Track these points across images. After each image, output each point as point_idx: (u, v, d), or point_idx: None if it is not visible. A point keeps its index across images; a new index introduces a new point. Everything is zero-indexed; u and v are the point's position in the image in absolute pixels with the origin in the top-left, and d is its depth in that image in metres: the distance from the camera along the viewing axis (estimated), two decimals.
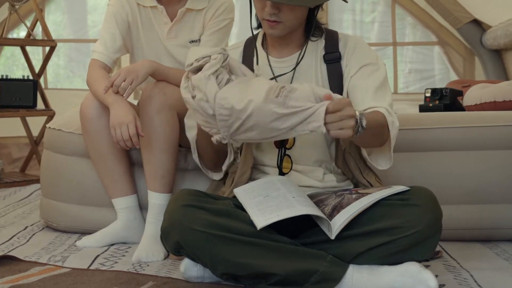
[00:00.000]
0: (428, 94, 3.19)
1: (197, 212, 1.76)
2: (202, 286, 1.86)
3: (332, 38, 2.04)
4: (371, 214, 1.77)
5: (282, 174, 1.97)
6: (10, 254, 2.17)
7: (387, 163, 1.95)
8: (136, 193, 2.45)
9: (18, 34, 5.78)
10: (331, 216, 1.77)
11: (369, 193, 1.80)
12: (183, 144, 2.40)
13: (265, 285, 1.78)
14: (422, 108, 3.20)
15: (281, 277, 1.74)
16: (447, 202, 2.26)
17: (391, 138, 1.88)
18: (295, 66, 2.00)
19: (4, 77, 4.05)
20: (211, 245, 1.74)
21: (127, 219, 2.41)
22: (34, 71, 4.28)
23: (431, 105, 3.15)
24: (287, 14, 1.90)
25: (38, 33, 5.45)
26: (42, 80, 5.25)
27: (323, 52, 2.03)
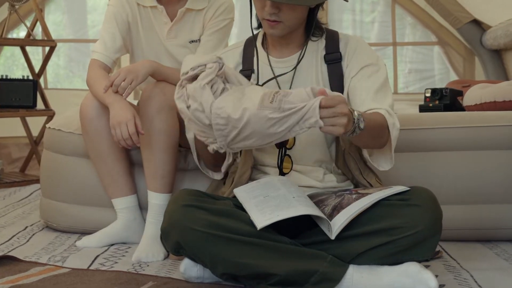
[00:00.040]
0: (428, 94, 3.19)
1: (197, 212, 1.76)
2: (202, 286, 1.86)
3: (333, 38, 2.04)
4: (371, 214, 1.77)
5: (283, 174, 1.97)
6: (10, 254, 2.17)
7: (388, 164, 1.95)
8: (136, 193, 2.45)
9: (18, 34, 5.78)
10: (331, 216, 1.76)
11: (369, 193, 1.80)
12: (183, 144, 2.40)
13: (265, 285, 1.78)
14: (422, 108, 3.20)
15: (281, 277, 1.74)
16: (447, 202, 2.25)
17: (392, 140, 1.88)
18: (296, 66, 2.00)
19: (4, 77, 4.05)
20: (211, 245, 1.74)
21: (127, 219, 2.41)
22: (34, 71, 4.28)
23: (431, 105, 3.15)
24: (287, 14, 1.90)
25: (38, 33, 5.45)
26: (42, 80, 5.24)
27: (324, 52, 2.03)
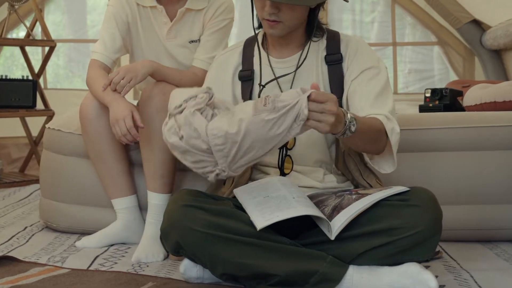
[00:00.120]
0: (428, 94, 3.18)
1: (197, 213, 1.76)
2: (202, 287, 1.86)
3: (334, 39, 2.03)
4: (371, 215, 1.76)
5: (283, 175, 1.97)
6: (10, 255, 2.17)
7: (390, 167, 1.94)
8: (136, 194, 2.45)
9: (18, 34, 5.78)
10: (331, 217, 1.76)
11: (369, 194, 1.80)
12: None
13: (265, 286, 1.77)
14: (422, 108, 3.19)
15: (281, 278, 1.74)
16: (447, 203, 2.25)
17: (392, 144, 1.87)
18: (299, 66, 1.99)
19: (4, 77, 4.05)
20: (211, 246, 1.74)
21: (127, 220, 2.41)
22: (34, 71, 4.27)
23: (431, 105, 3.14)
24: (287, 14, 1.90)
25: (38, 33, 5.45)
26: (42, 80, 5.24)
27: (325, 53, 2.02)
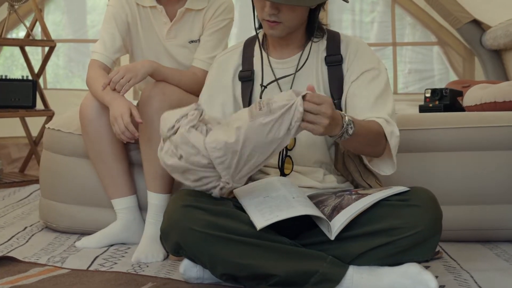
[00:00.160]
0: (428, 95, 3.18)
1: (197, 213, 1.75)
2: (202, 287, 1.86)
3: (334, 40, 2.03)
4: (371, 215, 1.76)
5: (284, 175, 1.97)
6: (9, 255, 2.17)
7: (390, 169, 1.94)
8: (136, 194, 2.44)
9: (18, 34, 5.78)
10: (331, 217, 1.76)
11: (369, 194, 1.80)
12: None
13: (265, 286, 1.77)
14: (422, 109, 3.19)
15: (281, 278, 1.74)
16: (447, 203, 2.25)
17: (392, 148, 1.87)
18: (300, 67, 1.99)
19: (3, 77, 4.04)
20: (211, 246, 1.74)
21: (127, 220, 2.40)
22: (34, 71, 4.27)
23: (431, 106, 3.14)
24: (287, 15, 1.89)
25: (38, 33, 5.45)
26: (42, 80, 5.24)
27: (325, 54, 2.02)
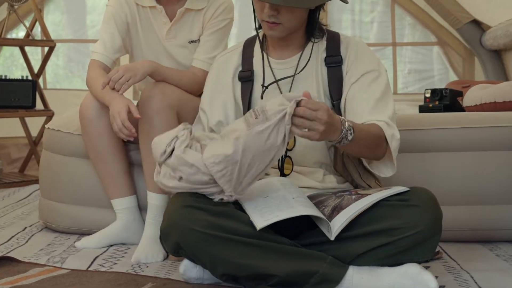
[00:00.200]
0: (428, 95, 3.18)
1: (197, 213, 1.75)
2: (202, 287, 1.85)
3: (334, 40, 2.03)
4: (371, 215, 1.76)
5: (284, 176, 1.97)
6: (9, 255, 2.17)
7: (390, 171, 1.94)
8: (136, 194, 2.44)
9: (17, 34, 5.78)
10: (331, 217, 1.76)
11: (369, 194, 1.80)
12: None
13: (265, 286, 1.77)
14: (422, 109, 3.19)
15: (281, 278, 1.74)
16: (447, 203, 2.25)
17: (392, 151, 1.88)
18: (300, 71, 1.98)
19: (3, 77, 4.04)
20: (211, 246, 1.74)
21: (127, 220, 2.40)
22: (33, 71, 4.27)
23: (431, 106, 3.14)
24: (286, 16, 1.89)
25: (37, 33, 5.45)
26: (41, 80, 5.24)
27: (324, 55, 2.02)
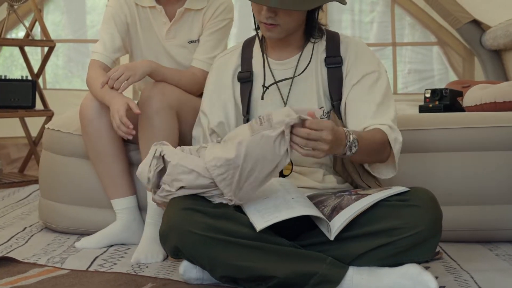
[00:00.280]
0: (428, 95, 3.18)
1: (196, 215, 1.75)
2: None
3: (333, 40, 2.02)
4: (371, 215, 1.76)
5: (283, 176, 1.96)
6: (9, 256, 2.17)
7: (390, 173, 1.95)
8: (136, 194, 2.44)
9: (17, 34, 5.78)
10: (331, 217, 1.76)
11: (369, 194, 1.79)
12: (183, 145, 2.39)
13: None
14: (422, 109, 3.19)
15: (281, 280, 1.73)
16: (447, 203, 2.25)
17: (395, 154, 1.88)
18: (300, 73, 1.98)
19: (3, 78, 4.04)
20: (210, 248, 1.73)
21: (126, 220, 2.40)
22: (33, 71, 4.27)
23: (431, 106, 3.13)
24: (284, 17, 1.89)
25: (37, 33, 5.44)
26: (41, 81, 5.25)
27: (324, 55, 2.01)
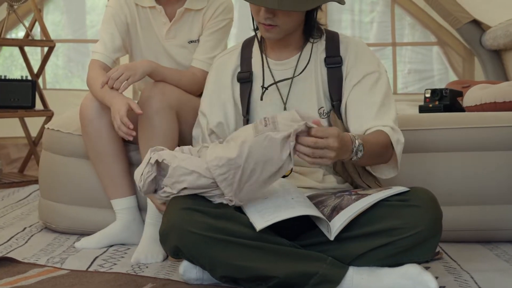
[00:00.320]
0: (428, 95, 3.18)
1: (196, 215, 1.75)
2: None
3: (333, 40, 2.02)
4: (371, 215, 1.76)
5: (283, 177, 1.96)
6: (9, 256, 2.16)
7: (391, 173, 1.95)
8: (136, 194, 2.44)
9: (17, 34, 5.78)
10: (331, 217, 1.76)
11: (369, 194, 1.79)
12: (182, 145, 2.39)
13: None
14: (422, 109, 3.19)
15: (281, 280, 1.73)
16: (447, 203, 2.25)
17: (397, 155, 1.89)
18: (299, 74, 1.98)
19: (3, 78, 4.04)
20: (210, 248, 1.73)
21: (126, 220, 2.40)
22: (33, 72, 4.26)
23: (431, 106, 3.13)
24: (282, 18, 1.89)
25: (37, 33, 5.44)
26: (41, 81, 5.25)
27: (324, 55, 2.01)
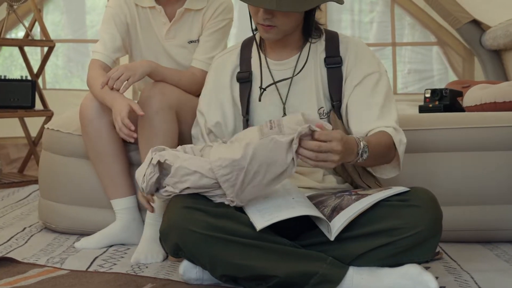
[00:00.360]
0: (428, 95, 3.18)
1: (196, 214, 1.75)
2: None
3: (332, 40, 2.02)
4: (371, 215, 1.76)
5: None
6: (8, 256, 2.16)
7: (392, 173, 1.96)
8: (135, 194, 2.44)
9: (17, 34, 5.78)
10: (331, 217, 1.76)
11: (369, 194, 1.79)
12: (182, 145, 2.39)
13: (265, 287, 1.77)
14: (422, 109, 3.19)
15: (281, 279, 1.73)
16: (447, 203, 2.24)
17: (400, 155, 1.89)
18: (297, 73, 1.98)
19: (2, 78, 4.04)
20: (210, 247, 1.73)
21: (126, 220, 2.40)
22: (33, 72, 4.26)
23: (431, 106, 3.13)
24: (281, 19, 1.88)
25: (37, 33, 5.44)
26: (41, 81, 5.25)
27: (324, 55, 2.01)
